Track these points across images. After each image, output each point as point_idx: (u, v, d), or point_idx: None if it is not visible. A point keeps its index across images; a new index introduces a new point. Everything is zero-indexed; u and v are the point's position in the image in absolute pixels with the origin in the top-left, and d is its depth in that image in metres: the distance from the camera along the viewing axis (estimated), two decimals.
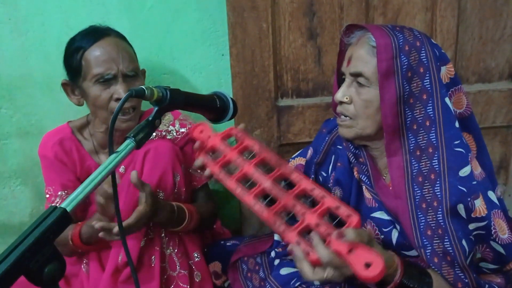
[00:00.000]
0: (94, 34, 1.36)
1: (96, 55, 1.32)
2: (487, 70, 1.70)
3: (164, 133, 1.49)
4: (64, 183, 1.44)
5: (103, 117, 1.39)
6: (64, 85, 1.41)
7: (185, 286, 1.34)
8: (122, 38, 1.42)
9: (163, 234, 1.35)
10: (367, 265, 0.79)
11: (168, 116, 1.51)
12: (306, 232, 0.89)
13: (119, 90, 1.33)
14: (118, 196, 0.94)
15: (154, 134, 1.39)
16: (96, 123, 1.45)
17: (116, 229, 1.18)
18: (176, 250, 1.36)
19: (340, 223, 0.89)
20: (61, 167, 1.44)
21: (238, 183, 0.99)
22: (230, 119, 1.09)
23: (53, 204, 1.36)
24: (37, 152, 1.49)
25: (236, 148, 1.04)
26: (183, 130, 1.50)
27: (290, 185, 0.96)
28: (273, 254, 1.38)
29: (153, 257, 1.32)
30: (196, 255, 1.41)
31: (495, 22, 1.65)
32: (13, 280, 0.66)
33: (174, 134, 1.49)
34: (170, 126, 1.50)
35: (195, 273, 1.39)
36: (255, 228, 1.80)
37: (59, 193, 1.43)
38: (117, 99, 1.33)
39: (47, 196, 1.46)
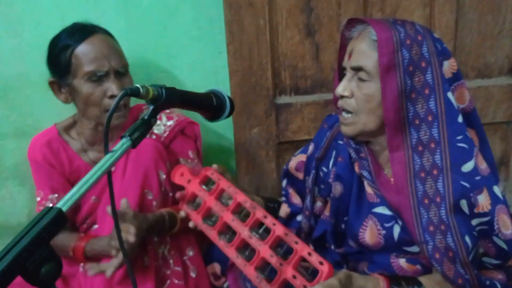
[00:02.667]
0: (82, 31, 1.35)
1: (87, 53, 1.31)
2: (486, 66, 1.70)
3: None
4: (53, 186, 1.44)
5: (94, 115, 1.37)
6: (51, 83, 1.40)
7: (180, 282, 1.34)
8: (109, 35, 1.41)
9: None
10: None
11: None
12: (285, 284, 0.97)
13: (112, 87, 1.32)
14: (114, 197, 0.93)
15: None
16: (84, 121, 1.43)
17: (108, 273, 1.20)
18: (168, 248, 1.36)
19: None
20: (50, 170, 1.44)
21: (219, 235, 1.09)
22: (227, 117, 1.08)
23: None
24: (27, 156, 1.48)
25: (213, 193, 1.12)
26: (170, 123, 1.50)
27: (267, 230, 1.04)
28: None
29: (145, 257, 1.32)
30: (189, 250, 1.41)
31: (494, 17, 1.64)
32: (10, 280, 0.66)
33: (162, 128, 1.49)
34: (158, 121, 1.48)
35: (191, 268, 1.39)
36: None
37: (50, 196, 1.44)
38: (111, 96, 1.33)
39: (38, 199, 1.46)
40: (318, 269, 0.93)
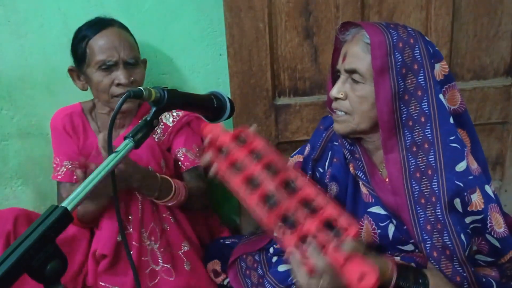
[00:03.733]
0: (99, 24, 1.46)
1: (100, 44, 1.41)
2: (482, 67, 1.72)
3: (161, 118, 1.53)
4: (69, 153, 1.53)
5: (104, 100, 1.47)
6: (70, 71, 1.50)
7: (170, 279, 1.39)
8: (125, 28, 1.50)
9: (143, 229, 1.38)
10: (362, 277, 0.80)
11: None
12: (304, 239, 0.89)
13: (120, 76, 1.41)
14: (118, 197, 0.96)
15: None
16: (99, 106, 1.54)
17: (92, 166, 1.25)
18: (158, 244, 1.40)
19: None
20: (67, 139, 1.53)
21: (242, 182, 0.98)
22: (227, 118, 1.10)
23: (59, 174, 1.50)
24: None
25: (245, 148, 1.02)
26: (179, 113, 1.56)
27: (295, 190, 0.96)
28: (271, 250, 1.39)
29: (131, 252, 1.35)
30: (184, 245, 1.44)
31: (489, 19, 1.66)
32: (16, 277, 0.67)
33: (170, 119, 1.56)
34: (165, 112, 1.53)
35: (185, 262, 1.43)
36: (254, 225, 1.81)
37: (64, 162, 1.52)
38: (118, 84, 1.42)
39: (54, 165, 1.55)
40: (344, 231, 0.87)
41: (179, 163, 1.56)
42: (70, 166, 1.52)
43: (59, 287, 0.73)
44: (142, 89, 0.90)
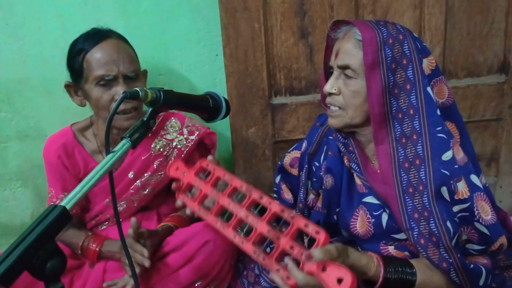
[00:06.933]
0: (96, 36, 1.37)
1: (97, 57, 1.33)
2: (476, 65, 1.73)
3: (175, 143, 1.50)
4: (65, 186, 1.47)
5: (105, 118, 1.40)
6: (67, 86, 1.42)
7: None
8: (123, 40, 1.43)
9: None
10: (339, 281, 0.85)
11: (175, 122, 1.52)
12: (283, 256, 0.96)
13: (120, 91, 1.33)
14: (116, 197, 0.98)
15: (163, 143, 1.48)
16: (100, 124, 1.47)
17: None
18: None
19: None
20: (63, 172, 1.46)
21: (216, 217, 1.07)
22: (223, 118, 1.12)
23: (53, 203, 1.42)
24: (41, 154, 1.50)
25: (209, 181, 1.11)
26: (192, 137, 1.52)
27: (263, 210, 1.04)
28: (268, 250, 1.41)
29: None
30: None
31: (482, 17, 1.68)
32: (17, 275, 0.69)
33: (184, 142, 1.51)
34: (179, 135, 1.51)
35: None
36: None
37: (60, 195, 1.47)
38: None
39: (50, 195, 1.50)
40: (315, 238, 0.92)
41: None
42: None
43: (59, 284, 0.75)
44: (138, 90, 0.92)
